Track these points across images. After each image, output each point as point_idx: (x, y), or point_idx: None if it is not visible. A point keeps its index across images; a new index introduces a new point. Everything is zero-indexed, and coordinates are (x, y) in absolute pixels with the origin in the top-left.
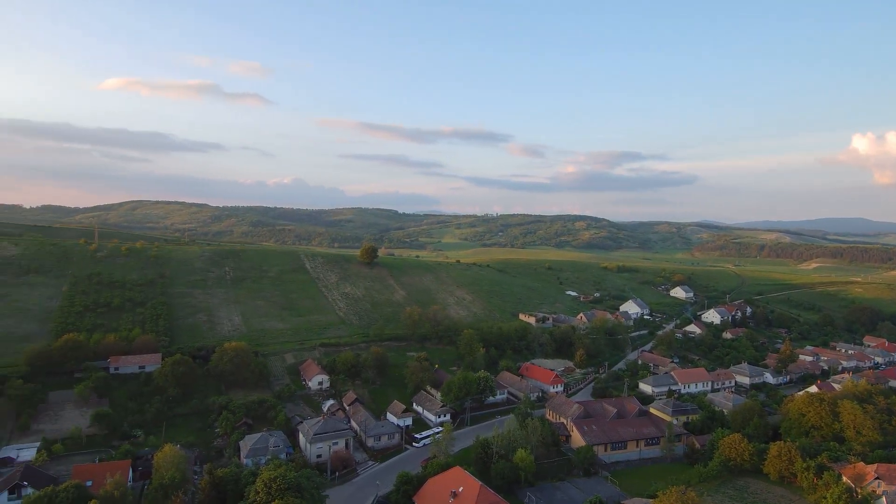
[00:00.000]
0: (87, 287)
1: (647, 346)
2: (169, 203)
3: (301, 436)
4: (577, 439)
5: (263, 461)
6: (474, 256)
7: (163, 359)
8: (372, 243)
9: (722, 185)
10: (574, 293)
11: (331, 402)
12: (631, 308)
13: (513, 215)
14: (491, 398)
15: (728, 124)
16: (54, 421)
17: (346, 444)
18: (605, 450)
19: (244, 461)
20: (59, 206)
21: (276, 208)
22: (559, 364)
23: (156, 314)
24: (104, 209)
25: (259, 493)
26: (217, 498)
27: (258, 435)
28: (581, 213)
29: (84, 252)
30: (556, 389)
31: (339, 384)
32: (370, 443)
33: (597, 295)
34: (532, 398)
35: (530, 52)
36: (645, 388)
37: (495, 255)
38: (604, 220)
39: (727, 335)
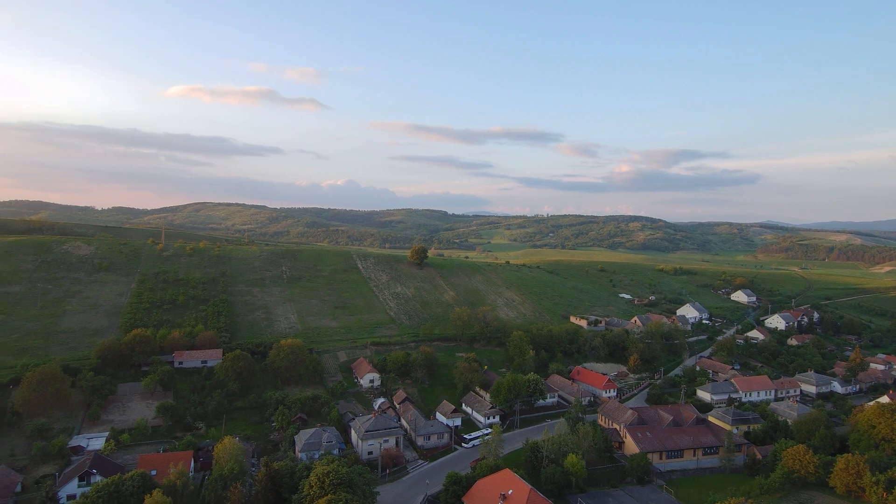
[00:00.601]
0: (154, 285)
1: (706, 352)
2: (230, 205)
3: (353, 432)
4: (631, 446)
5: (317, 456)
6: (524, 257)
7: (223, 354)
8: (422, 244)
9: (787, 184)
10: (628, 296)
11: (381, 400)
12: (689, 312)
13: (564, 216)
14: (541, 401)
15: (793, 120)
16: (122, 412)
17: (397, 443)
18: (660, 458)
19: (299, 455)
20: (129, 208)
21: (329, 209)
22: (612, 368)
23: (217, 311)
24: (170, 211)
25: (313, 486)
26: (273, 490)
27: (312, 430)
28: (635, 214)
29: (151, 251)
30: (608, 394)
31: (389, 383)
32: (420, 442)
33: (652, 298)
34: (583, 402)
35: (582, 49)
36: (703, 395)
37: (545, 256)
38: (660, 220)
39: (792, 342)
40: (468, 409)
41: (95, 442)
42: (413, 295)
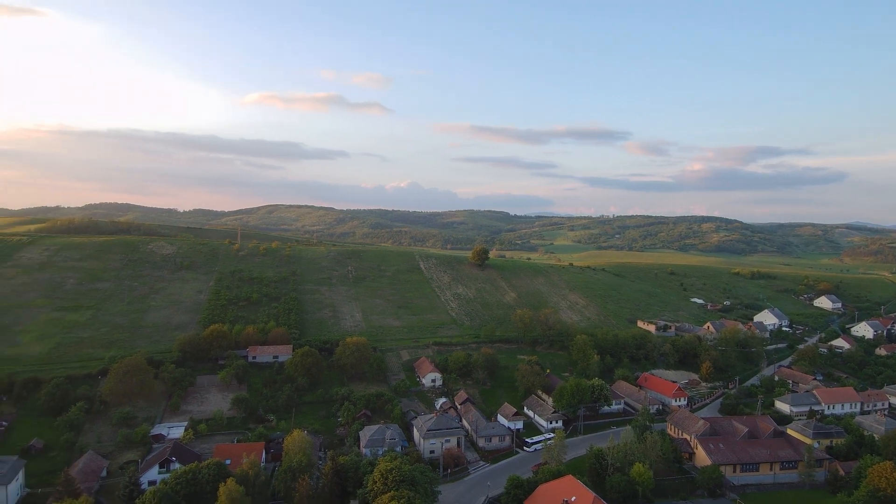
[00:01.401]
0: (231, 283)
1: (786, 362)
2: (300, 207)
3: (415, 431)
4: (702, 458)
5: (381, 452)
6: (588, 259)
7: (293, 350)
8: (483, 245)
9: (877, 183)
10: (700, 301)
11: (443, 399)
12: (767, 318)
13: (631, 216)
14: (606, 407)
15: (884, 114)
16: (200, 403)
17: (458, 443)
18: (734, 471)
19: (363, 451)
20: (208, 210)
21: (393, 211)
22: (682, 376)
23: (288, 308)
24: (245, 212)
25: (376, 482)
26: (338, 484)
27: (376, 427)
28: (709, 214)
29: (228, 251)
30: (678, 403)
31: (450, 383)
32: (481, 443)
33: (727, 303)
34: (651, 411)
35: (651, 43)
36: (782, 406)
37: (611, 258)
38: (735, 221)
39: (881, 351)
40: (530, 413)
41: (175, 431)
42: (474, 296)
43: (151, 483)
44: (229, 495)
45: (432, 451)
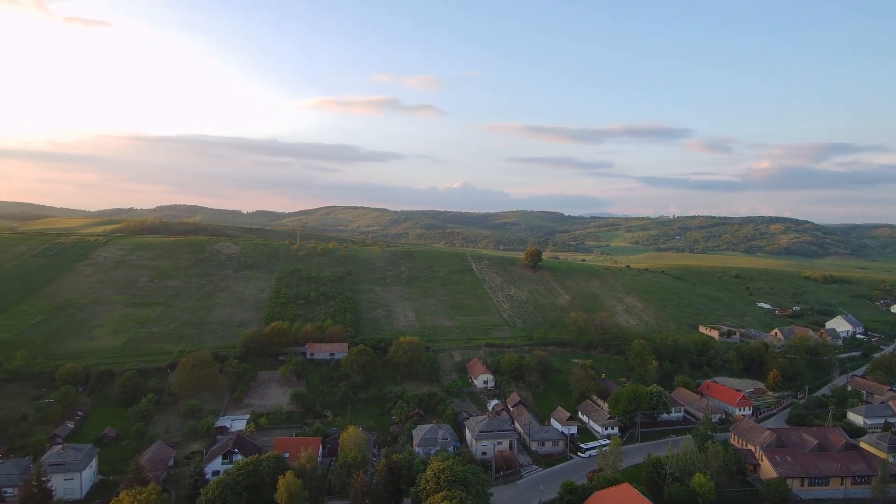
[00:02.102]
0: (290, 282)
1: (860, 371)
2: (356, 208)
3: (467, 431)
4: (768, 470)
5: (433, 451)
6: (647, 261)
7: (349, 348)
8: (536, 246)
9: None
10: (767, 305)
11: (495, 401)
12: (840, 325)
13: (692, 217)
14: (665, 415)
15: None
16: (261, 397)
17: (510, 445)
18: (802, 485)
19: (416, 449)
20: (270, 211)
21: (445, 212)
22: (747, 384)
23: (344, 307)
24: (304, 214)
25: (429, 481)
26: (392, 481)
27: (428, 426)
28: (777, 215)
29: (288, 251)
30: (742, 412)
31: (503, 385)
32: (534, 447)
33: (796, 308)
34: (713, 420)
35: (711, 32)
36: (854, 418)
37: (671, 260)
38: (806, 222)
39: None
40: (584, 418)
41: (238, 423)
42: (527, 297)
43: (215, 473)
44: (288, 488)
45: (484, 453)
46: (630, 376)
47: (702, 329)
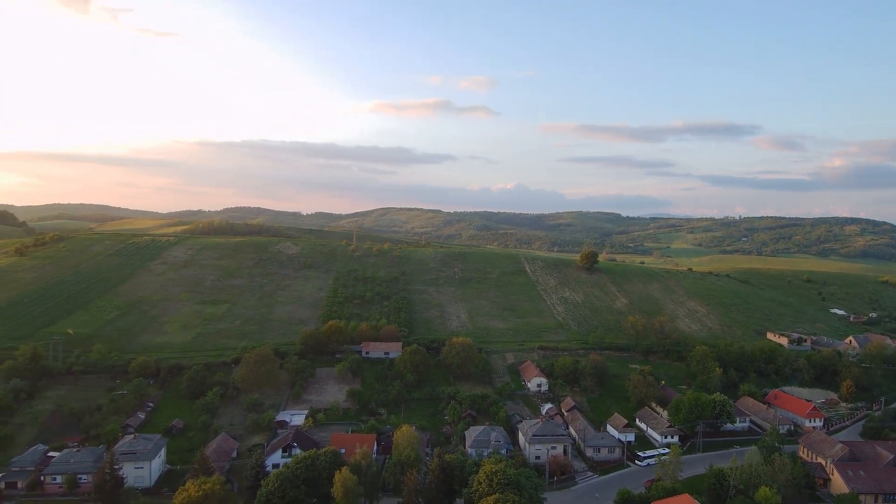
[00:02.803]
0: (347, 281)
1: None
2: (410, 209)
3: (520, 435)
4: (839, 485)
5: (486, 453)
6: (710, 264)
7: (403, 348)
8: (592, 248)
9: None
10: (841, 312)
11: (549, 405)
12: None
13: (760, 218)
14: (728, 425)
15: None
16: (319, 393)
17: (565, 451)
18: (875, 501)
19: (468, 450)
20: (328, 213)
21: (498, 213)
22: (818, 395)
23: (398, 307)
24: (360, 215)
25: (482, 483)
26: (444, 481)
27: (481, 428)
28: (852, 216)
29: (345, 252)
30: (813, 424)
31: (556, 389)
32: (589, 453)
33: (873, 315)
34: (781, 431)
35: (780, 27)
36: None
37: (736, 263)
38: (885, 223)
39: None
40: (642, 425)
41: (297, 418)
42: (582, 300)
43: (275, 466)
44: (344, 483)
45: (538, 457)
46: (691, 384)
47: (770, 336)
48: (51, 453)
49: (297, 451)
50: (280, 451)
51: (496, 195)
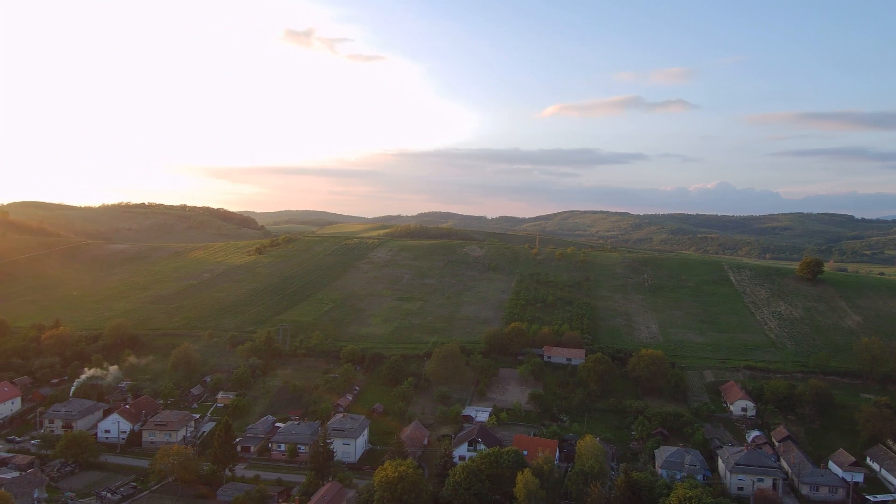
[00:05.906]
0: (529, 284)
1: None
2: (594, 212)
3: (720, 461)
4: None
5: (679, 476)
6: None
7: (586, 355)
8: (815, 255)
9: None
10: None
11: (756, 433)
12: None
13: None
14: None
15: None
16: (502, 392)
17: (774, 485)
18: None
19: (659, 471)
20: (511, 217)
21: (697, 215)
22: None
23: (581, 313)
24: (543, 219)
25: None
26: (631, 499)
27: (674, 448)
28: None
29: (527, 255)
30: None
31: (766, 415)
32: (804, 490)
33: None
34: None
35: None
36: None
37: None
38: None
39: None
40: (874, 465)
41: (481, 415)
42: (801, 316)
43: (461, 458)
44: (526, 485)
45: (741, 489)
46: None
47: None
48: (277, 423)
49: (482, 447)
50: (466, 444)
51: (694, 196)
